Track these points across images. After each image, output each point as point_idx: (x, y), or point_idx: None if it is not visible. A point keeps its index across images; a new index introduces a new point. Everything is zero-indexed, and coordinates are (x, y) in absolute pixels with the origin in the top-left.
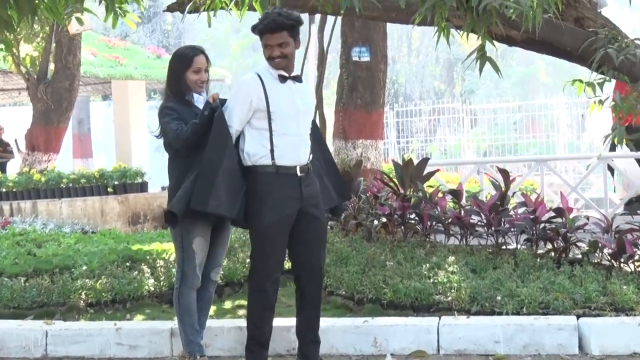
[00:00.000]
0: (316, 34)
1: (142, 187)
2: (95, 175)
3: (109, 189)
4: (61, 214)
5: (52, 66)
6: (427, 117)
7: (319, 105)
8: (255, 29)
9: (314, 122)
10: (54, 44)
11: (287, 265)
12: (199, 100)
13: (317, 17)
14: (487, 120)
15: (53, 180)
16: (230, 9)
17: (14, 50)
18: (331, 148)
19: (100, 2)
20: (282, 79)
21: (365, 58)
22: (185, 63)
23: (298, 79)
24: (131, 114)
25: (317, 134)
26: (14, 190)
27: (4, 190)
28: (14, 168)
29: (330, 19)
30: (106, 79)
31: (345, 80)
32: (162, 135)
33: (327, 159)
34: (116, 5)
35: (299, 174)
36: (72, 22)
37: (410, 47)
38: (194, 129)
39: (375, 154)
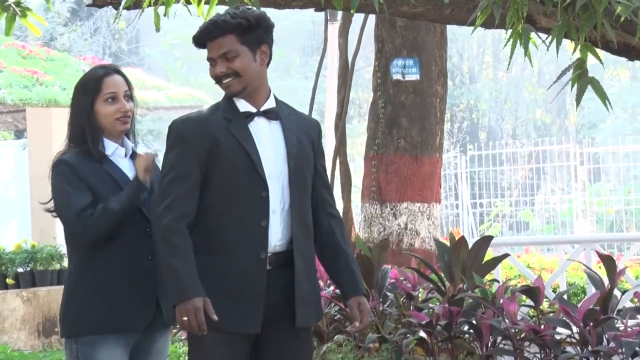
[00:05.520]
0: (336, 39)
1: (61, 278)
2: None
3: (9, 280)
4: None
5: None
6: (523, 165)
7: (340, 149)
8: (194, 40)
9: (319, 182)
10: None
11: None
12: (118, 153)
13: (339, 14)
14: (616, 170)
15: None
16: (189, 3)
17: None
18: (358, 215)
19: None
20: (247, 116)
21: (413, 75)
22: (90, 90)
23: (273, 114)
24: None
25: (323, 203)
26: None
27: None
28: None
29: (358, 16)
30: (18, 105)
31: (381, 109)
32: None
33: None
34: None
35: (267, 266)
36: None
37: (498, 54)
38: (113, 219)
39: (428, 225)
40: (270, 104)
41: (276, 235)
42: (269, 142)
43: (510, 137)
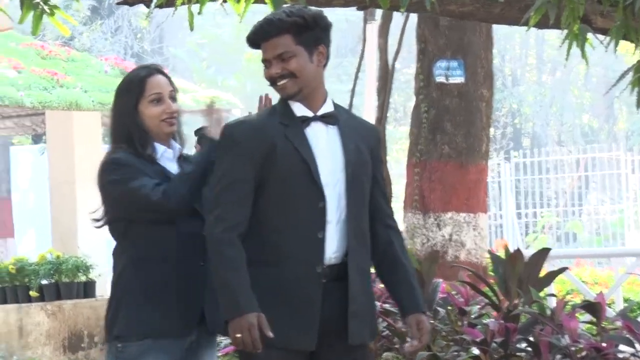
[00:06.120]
0: (376, 39)
1: (87, 290)
2: (11, 269)
3: (33, 293)
4: None
5: None
6: (570, 173)
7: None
8: (248, 40)
9: (377, 191)
10: None
11: None
12: (166, 155)
13: (378, 12)
14: None
15: None
16: (225, 1)
17: None
18: (401, 225)
19: None
20: (304, 121)
21: (458, 78)
22: (134, 92)
23: (331, 119)
24: (77, 165)
25: (381, 214)
26: None
27: None
28: None
29: (398, 15)
30: (37, 108)
31: (424, 114)
32: (110, 212)
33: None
34: None
35: (323, 280)
36: None
37: (542, 56)
38: (192, 181)
39: (474, 236)
40: (327, 107)
41: (332, 247)
42: (325, 148)
43: (555, 144)
